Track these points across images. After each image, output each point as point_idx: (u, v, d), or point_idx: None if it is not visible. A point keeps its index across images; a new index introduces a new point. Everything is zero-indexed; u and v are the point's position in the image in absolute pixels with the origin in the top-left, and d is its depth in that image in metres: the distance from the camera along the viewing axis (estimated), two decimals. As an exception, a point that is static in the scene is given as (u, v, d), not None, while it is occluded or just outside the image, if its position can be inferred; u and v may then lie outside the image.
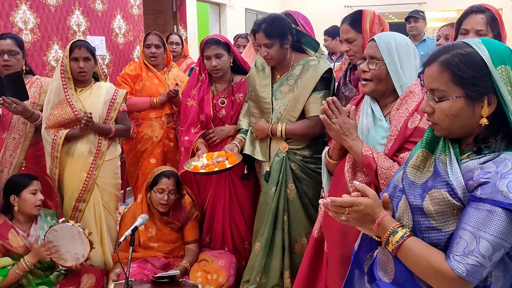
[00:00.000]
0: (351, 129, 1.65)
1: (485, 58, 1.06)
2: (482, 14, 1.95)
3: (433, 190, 1.11)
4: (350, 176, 1.71)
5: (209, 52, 2.56)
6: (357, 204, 1.17)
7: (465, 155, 1.13)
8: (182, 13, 5.81)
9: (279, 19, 2.40)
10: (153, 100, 3.30)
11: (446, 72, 1.08)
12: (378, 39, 1.65)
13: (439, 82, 1.10)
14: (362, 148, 1.62)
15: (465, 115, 1.09)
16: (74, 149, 2.67)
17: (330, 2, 9.42)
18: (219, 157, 2.45)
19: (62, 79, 2.64)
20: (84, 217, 2.73)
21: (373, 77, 1.65)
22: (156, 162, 3.33)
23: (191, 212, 2.86)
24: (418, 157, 1.21)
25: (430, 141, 1.21)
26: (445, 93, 1.09)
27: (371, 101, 1.73)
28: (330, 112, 1.65)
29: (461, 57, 1.08)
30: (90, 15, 4.06)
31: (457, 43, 1.12)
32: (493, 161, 1.05)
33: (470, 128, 1.11)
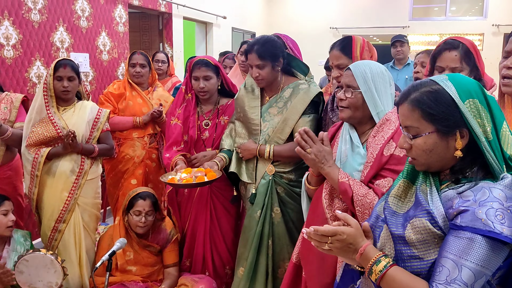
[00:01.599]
0: (326, 156, 1.67)
1: (452, 94, 1.11)
2: (455, 51, 1.95)
3: (414, 219, 1.14)
4: (327, 202, 1.73)
5: (198, 73, 2.54)
6: (339, 233, 1.18)
7: (444, 185, 1.17)
8: (169, 31, 5.80)
9: (271, 41, 2.41)
10: (136, 120, 3.26)
11: (417, 110, 1.14)
12: (353, 68, 1.69)
13: (411, 120, 1.15)
14: (338, 175, 1.65)
15: (440, 149, 1.14)
16: (55, 168, 2.61)
17: (316, 24, 9.54)
18: (198, 173, 2.39)
19: (44, 97, 2.59)
20: (64, 238, 2.64)
21: (350, 105, 1.68)
22: (137, 183, 3.26)
23: (171, 234, 2.80)
24: (400, 187, 1.25)
25: (411, 172, 1.25)
26: (418, 130, 1.15)
27: (350, 128, 1.76)
28: (303, 143, 1.67)
29: (429, 94, 1.13)
30: (74, 31, 4.02)
31: (425, 81, 1.18)
32: (471, 190, 1.08)
33: (446, 160, 1.16)
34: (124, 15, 4.72)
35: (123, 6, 4.70)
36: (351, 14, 9.35)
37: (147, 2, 5.14)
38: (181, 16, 5.97)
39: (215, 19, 7.04)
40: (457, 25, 8.88)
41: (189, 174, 2.37)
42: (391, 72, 4.82)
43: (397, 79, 4.84)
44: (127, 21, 4.79)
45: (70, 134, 2.48)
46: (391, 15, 9.10)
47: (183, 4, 5.81)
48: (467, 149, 1.13)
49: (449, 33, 9.04)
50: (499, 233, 0.99)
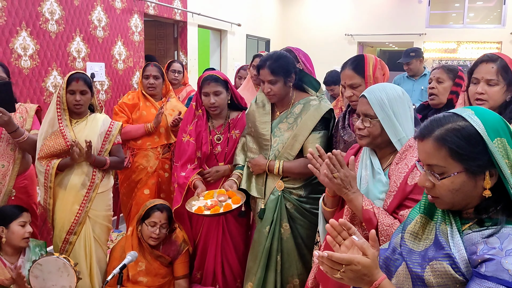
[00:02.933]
0: (352, 182, 1.60)
1: (480, 132, 1.04)
2: (493, 63, 1.91)
3: (434, 261, 1.08)
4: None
5: (208, 89, 2.55)
6: (355, 264, 1.10)
7: (466, 225, 1.11)
8: (183, 39, 5.85)
9: (284, 56, 2.41)
10: (147, 126, 3.28)
11: (443, 148, 1.06)
12: (368, 95, 1.62)
13: (437, 159, 1.08)
14: (362, 202, 1.57)
15: (467, 189, 1.07)
16: (67, 181, 2.64)
17: (331, 30, 9.51)
18: (221, 196, 2.40)
19: (57, 111, 2.62)
20: (74, 250, 2.67)
21: (369, 134, 1.62)
22: (150, 193, 3.29)
23: (181, 246, 2.82)
24: (417, 223, 1.18)
25: (428, 206, 1.18)
26: (445, 169, 1.07)
27: (370, 153, 1.69)
28: (332, 166, 1.59)
29: (457, 132, 1.06)
30: (90, 41, 4.08)
31: (449, 116, 1.10)
32: (497, 236, 1.02)
33: (471, 199, 1.09)
34: (139, 24, 4.78)
35: (139, 16, 4.75)
36: (367, 21, 9.30)
37: (162, 11, 5.19)
38: (196, 24, 6.02)
39: (230, 26, 7.07)
40: (474, 33, 8.77)
41: (213, 200, 2.37)
42: (406, 82, 4.86)
43: (413, 90, 4.79)
44: (142, 30, 4.84)
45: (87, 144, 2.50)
46: (408, 22, 9.01)
47: (198, 13, 5.85)
48: (493, 188, 1.06)
49: (466, 40, 8.94)
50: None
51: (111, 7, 4.32)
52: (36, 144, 2.65)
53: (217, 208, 2.29)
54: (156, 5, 5.03)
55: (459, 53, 9.06)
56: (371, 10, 9.29)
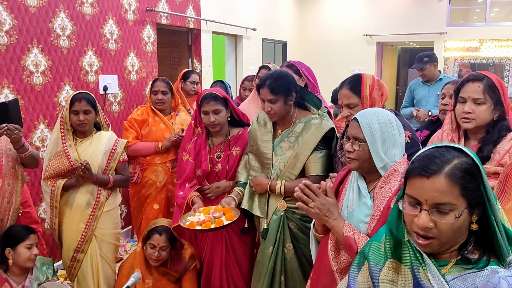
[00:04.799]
0: (331, 209, 1.62)
1: (481, 168, 1.06)
2: (479, 82, 1.93)
3: None
4: (333, 254, 1.67)
5: (207, 108, 2.55)
6: None
7: (446, 267, 1.08)
8: (197, 46, 5.87)
9: (284, 75, 2.40)
10: (158, 145, 3.32)
11: (457, 186, 1.04)
12: (360, 119, 1.63)
13: (450, 197, 1.04)
14: (343, 228, 1.59)
15: (465, 225, 1.07)
16: (72, 200, 2.68)
17: (349, 31, 9.38)
18: (216, 212, 2.40)
19: (61, 131, 2.66)
20: (82, 268, 2.72)
21: (358, 157, 1.63)
22: (159, 207, 3.32)
23: (189, 262, 2.83)
24: (389, 269, 1.15)
25: (394, 249, 1.15)
26: (455, 207, 1.04)
27: (358, 176, 1.70)
28: (305, 197, 1.61)
29: (465, 168, 1.05)
30: (103, 54, 4.13)
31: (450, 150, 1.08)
32: (488, 282, 0.99)
33: (459, 236, 1.08)
34: (152, 34, 4.81)
35: (151, 26, 4.79)
36: (385, 20, 9.13)
37: (175, 20, 5.22)
38: (210, 31, 6.03)
39: (245, 31, 7.06)
40: (497, 31, 8.51)
41: (207, 216, 2.38)
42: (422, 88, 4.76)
43: (428, 95, 4.68)
44: (155, 40, 4.88)
45: (81, 166, 2.53)
46: (427, 21, 8.80)
47: (212, 20, 5.86)
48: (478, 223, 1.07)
49: (489, 39, 8.68)
50: None
51: (123, 19, 4.36)
52: (38, 159, 2.69)
53: (208, 224, 2.29)
54: (168, 14, 5.06)
55: (482, 51, 8.80)
56: (389, 10, 9.13)
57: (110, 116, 4.27)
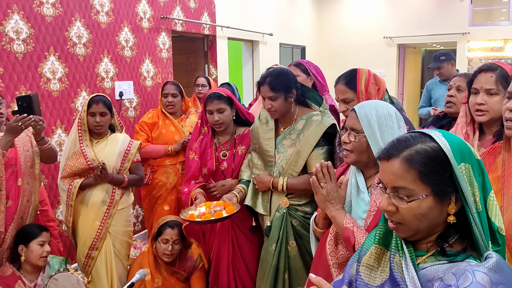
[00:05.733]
0: (337, 199, 1.59)
1: (448, 154, 1.00)
2: (492, 72, 1.84)
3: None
4: (331, 248, 1.64)
5: (212, 107, 2.59)
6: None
7: (422, 257, 1.05)
8: (213, 52, 5.95)
9: (284, 73, 2.42)
10: (168, 148, 3.39)
11: (413, 170, 1.01)
12: (358, 110, 1.59)
13: (406, 181, 1.02)
14: (344, 219, 1.56)
15: (433, 214, 1.02)
16: (88, 198, 2.78)
17: (369, 34, 9.31)
18: (217, 207, 2.43)
19: (78, 132, 2.78)
20: (96, 265, 2.81)
21: (354, 149, 1.59)
22: (170, 208, 3.38)
23: (197, 261, 2.87)
24: (372, 254, 1.13)
25: (384, 236, 1.13)
26: (413, 192, 1.01)
27: (356, 171, 1.67)
28: (321, 175, 1.60)
29: (426, 153, 1.01)
30: (118, 61, 4.25)
31: (416, 136, 1.05)
32: (453, 273, 0.96)
33: (436, 227, 1.04)
34: (167, 41, 4.92)
35: (166, 33, 4.90)
36: (406, 22, 9.03)
37: (190, 27, 5.32)
38: (225, 37, 6.11)
39: (261, 37, 7.11)
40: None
41: (208, 209, 2.41)
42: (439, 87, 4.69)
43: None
44: (170, 47, 4.98)
45: (99, 166, 2.63)
46: (449, 22, 8.65)
47: (227, 26, 5.94)
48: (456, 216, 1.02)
49: (514, 37, 8.47)
50: None
51: (138, 27, 4.48)
52: (56, 153, 2.79)
53: (208, 216, 2.32)
54: (183, 21, 5.16)
55: (506, 51, 8.59)
56: (409, 11, 9.02)
57: (126, 121, 4.38)
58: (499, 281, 0.92)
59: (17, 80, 3.30)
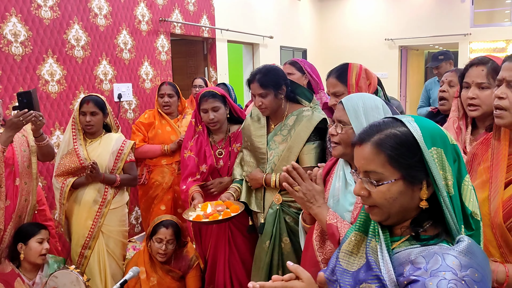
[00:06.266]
0: (316, 196, 1.58)
1: (417, 138, 1.01)
2: (483, 66, 1.82)
3: (364, 284, 1.03)
4: (318, 244, 1.64)
5: (206, 106, 2.61)
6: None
7: (397, 242, 1.06)
8: (213, 55, 5.98)
9: (273, 69, 2.44)
10: (164, 147, 3.40)
11: (382, 154, 1.02)
12: (345, 102, 1.59)
13: (375, 165, 1.03)
14: (327, 216, 1.55)
15: (404, 198, 1.03)
16: (80, 197, 2.80)
17: (370, 36, 9.32)
18: (218, 206, 2.43)
19: (72, 131, 2.81)
20: (89, 264, 2.81)
21: (341, 141, 1.58)
22: (166, 208, 3.39)
23: (192, 260, 2.87)
24: (351, 241, 1.14)
25: (364, 223, 1.13)
26: (382, 176, 1.03)
27: (344, 164, 1.66)
28: (291, 180, 1.58)
29: (396, 137, 1.02)
30: (117, 64, 4.28)
31: (388, 121, 1.07)
32: (423, 256, 0.97)
33: (408, 212, 1.04)
34: (166, 44, 4.95)
35: (165, 36, 4.93)
36: (407, 24, 9.04)
37: (189, 30, 5.35)
38: (225, 40, 6.13)
39: (262, 39, 7.14)
40: (524, 29, 8.25)
41: (212, 209, 2.40)
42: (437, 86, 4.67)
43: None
44: (169, 50, 5.01)
45: (89, 165, 2.64)
46: (451, 23, 8.65)
47: (226, 29, 5.97)
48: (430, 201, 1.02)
49: (516, 38, 8.45)
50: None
51: (137, 30, 4.52)
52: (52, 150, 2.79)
53: (216, 216, 2.31)
54: (182, 24, 5.19)
55: (509, 51, 8.57)
56: (410, 13, 9.03)
57: (125, 122, 4.40)
58: (469, 264, 0.92)
59: (15, 82, 3.33)
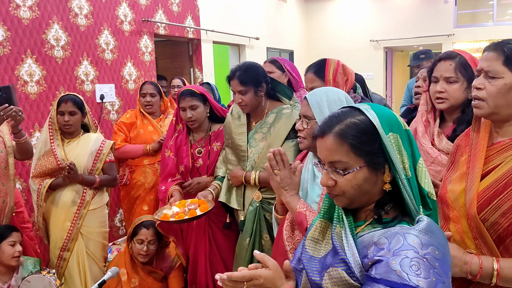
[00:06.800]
0: (291, 185, 1.63)
1: (376, 125, 1.04)
2: (451, 60, 1.86)
3: (331, 268, 1.05)
4: (287, 234, 1.66)
5: (184, 104, 2.59)
6: (256, 278, 1.09)
7: (361, 226, 1.09)
8: (198, 56, 5.96)
9: (253, 67, 2.44)
10: (146, 147, 3.37)
11: (345, 144, 1.05)
12: (309, 97, 1.63)
13: (340, 154, 1.06)
14: (297, 204, 1.59)
15: (369, 184, 1.06)
16: (58, 198, 2.75)
17: (356, 37, 9.37)
18: (191, 205, 2.42)
19: (49, 131, 2.75)
20: (69, 266, 2.76)
21: (307, 135, 1.63)
22: (149, 208, 3.35)
23: (174, 260, 2.84)
24: (317, 228, 1.16)
25: (328, 210, 1.16)
26: (347, 165, 1.05)
27: (313, 157, 1.70)
28: (274, 162, 1.63)
29: (356, 126, 1.06)
30: (99, 64, 4.24)
31: (347, 111, 1.10)
32: (385, 237, 1.00)
33: (371, 195, 1.08)
34: (150, 44, 4.92)
35: (148, 36, 4.90)
36: (392, 25, 9.10)
37: (173, 30, 5.32)
38: (211, 40, 6.12)
39: (248, 41, 7.13)
40: (506, 30, 8.36)
41: (182, 208, 2.39)
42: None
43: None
44: (153, 50, 4.98)
45: (67, 166, 2.60)
46: (434, 24, 8.73)
47: (211, 29, 5.96)
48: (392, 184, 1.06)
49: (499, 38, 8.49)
50: (415, 287, 0.91)
51: (119, 30, 4.48)
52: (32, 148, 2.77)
53: (181, 215, 2.30)
54: (166, 25, 5.16)
55: (492, 52, 8.66)
56: (395, 15, 9.10)
57: (108, 124, 4.35)
58: (430, 242, 0.96)
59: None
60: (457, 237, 1.40)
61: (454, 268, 1.30)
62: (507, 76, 1.32)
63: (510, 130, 1.38)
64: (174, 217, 2.34)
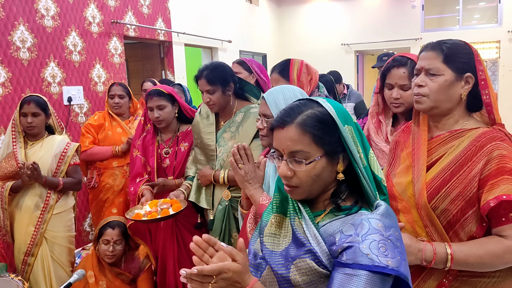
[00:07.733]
0: (255, 178, 1.68)
1: (335, 118, 1.09)
2: (404, 68, 1.91)
3: (298, 259, 1.07)
4: (250, 226, 1.70)
5: (151, 104, 2.58)
6: (225, 271, 1.05)
7: (320, 215, 1.12)
8: (170, 58, 5.93)
9: (220, 66, 2.45)
10: (115, 149, 3.33)
11: (308, 134, 1.08)
12: (266, 96, 1.66)
13: (302, 145, 1.08)
14: (260, 197, 1.62)
15: (326, 173, 1.10)
16: (22, 202, 2.68)
17: (327, 41, 9.52)
18: (164, 204, 2.41)
19: (12, 133, 2.70)
20: (33, 272, 2.70)
21: (267, 134, 1.66)
22: (118, 211, 3.31)
23: (143, 262, 2.82)
24: (272, 224, 1.18)
25: (280, 204, 1.19)
26: (309, 155, 1.08)
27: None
28: (238, 157, 1.68)
29: (317, 117, 1.09)
30: (66, 66, 4.17)
31: (306, 103, 1.13)
32: (351, 223, 1.05)
33: (328, 185, 1.12)
34: (119, 46, 4.87)
35: (118, 38, 4.85)
36: (363, 29, 9.28)
37: (144, 32, 5.29)
38: (182, 43, 6.10)
39: (220, 43, 7.14)
40: (472, 34, 8.63)
41: (154, 208, 2.38)
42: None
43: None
44: (123, 52, 4.93)
45: (24, 167, 2.52)
46: (403, 28, 8.96)
47: (183, 32, 5.94)
48: (345, 173, 1.10)
49: (464, 42, 8.79)
50: (385, 267, 0.97)
51: (87, 31, 4.42)
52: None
53: (154, 214, 2.29)
54: (136, 27, 5.13)
55: (458, 55, 8.92)
56: (365, 19, 9.28)
57: (77, 126, 4.29)
58: (390, 225, 1.03)
59: (-46, 84, 3.19)
60: (408, 227, 1.46)
61: (410, 256, 1.34)
62: (447, 73, 1.41)
63: (449, 124, 1.47)
64: (146, 217, 2.31)
